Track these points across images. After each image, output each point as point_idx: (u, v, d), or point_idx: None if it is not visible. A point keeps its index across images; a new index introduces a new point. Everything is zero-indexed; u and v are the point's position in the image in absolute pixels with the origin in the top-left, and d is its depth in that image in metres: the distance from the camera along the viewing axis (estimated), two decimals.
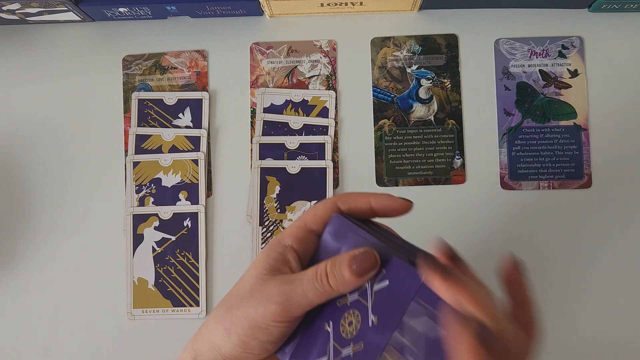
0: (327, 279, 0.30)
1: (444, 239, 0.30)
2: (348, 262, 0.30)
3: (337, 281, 0.30)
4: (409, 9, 0.53)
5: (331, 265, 0.31)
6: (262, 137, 0.52)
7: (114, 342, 0.51)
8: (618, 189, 0.51)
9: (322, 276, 0.30)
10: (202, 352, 0.33)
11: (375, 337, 0.29)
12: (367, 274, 0.30)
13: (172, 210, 0.51)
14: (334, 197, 0.34)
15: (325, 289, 0.30)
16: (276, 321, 0.31)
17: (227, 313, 0.32)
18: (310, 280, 0.31)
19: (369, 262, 0.30)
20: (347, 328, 0.31)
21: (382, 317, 0.29)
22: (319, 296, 0.30)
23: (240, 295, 0.32)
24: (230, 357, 0.32)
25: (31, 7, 0.49)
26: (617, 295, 0.50)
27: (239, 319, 0.31)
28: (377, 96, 0.52)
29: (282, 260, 0.33)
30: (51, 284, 0.51)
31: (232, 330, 0.31)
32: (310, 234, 0.33)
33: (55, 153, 0.53)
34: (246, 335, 0.31)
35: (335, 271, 0.30)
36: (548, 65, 0.52)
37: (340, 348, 0.31)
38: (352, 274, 0.30)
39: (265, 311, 0.31)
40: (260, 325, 0.31)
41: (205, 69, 0.53)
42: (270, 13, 0.53)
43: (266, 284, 0.32)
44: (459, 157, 0.52)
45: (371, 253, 0.30)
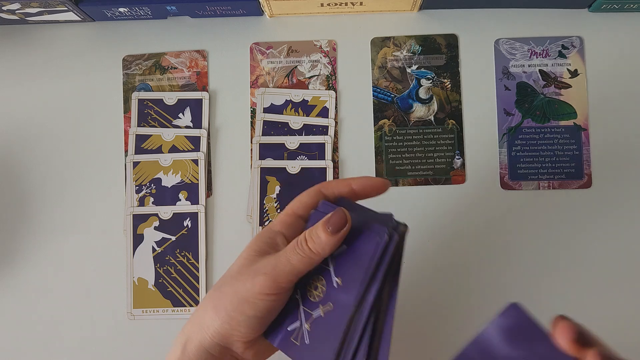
0: (305, 243, 0.33)
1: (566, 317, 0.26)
2: (322, 224, 0.32)
3: (315, 243, 0.32)
4: (409, 9, 0.53)
5: (309, 231, 0.33)
6: (262, 137, 0.52)
7: (114, 342, 0.51)
8: (618, 189, 0.51)
9: (302, 242, 0.33)
10: (191, 335, 0.34)
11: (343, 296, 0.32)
12: (340, 231, 0.32)
13: (172, 210, 0.51)
14: (317, 185, 0.36)
15: (306, 253, 0.32)
16: (264, 293, 0.32)
17: (215, 292, 0.34)
18: (292, 248, 0.33)
19: (340, 220, 0.32)
20: (314, 292, 0.34)
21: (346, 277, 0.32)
22: (301, 261, 0.32)
23: (229, 275, 0.34)
24: (217, 335, 0.33)
25: (31, 7, 0.49)
26: (617, 295, 0.50)
27: (228, 294, 0.33)
28: (377, 96, 0.52)
29: (271, 243, 0.35)
30: (51, 284, 0.51)
31: (220, 307, 0.33)
32: (297, 219, 0.36)
33: (55, 153, 0.53)
34: (234, 310, 0.32)
35: (312, 235, 0.33)
36: (548, 65, 0.52)
37: (311, 311, 0.33)
38: (327, 233, 0.32)
39: (253, 283, 0.32)
40: (248, 298, 0.32)
41: (205, 69, 0.53)
42: (270, 13, 0.53)
43: (254, 262, 0.34)
44: (459, 157, 0.52)
45: (341, 211, 0.33)
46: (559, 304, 0.50)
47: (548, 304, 0.50)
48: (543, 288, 0.50)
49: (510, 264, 0.50)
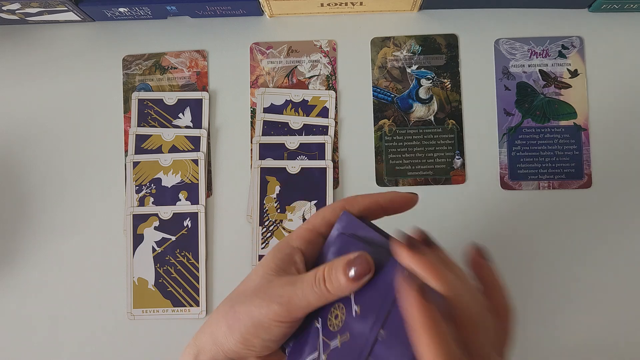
0: (324, 283, 0.31)
1: (420, 227, 0.32)
2: (343, 268, 0.30)
3: (334, 286, 0.31)
4: (409, 9, 0.53)
5: (328, 270, 0.31)
6: (262, 137, 0.52)
7: (114, 342, 0.51)
8: (618, 189, 0.51)
9: (320, 281, 0.31)
10: (204, 347, 0.33)
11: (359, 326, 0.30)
12: (362, 278, 0.30)
13: (172, 210, 0.51)
14: (342, 200, 0.34)
15: (323, 293, 0.31)
16: (278, 321, 0.31)
17: (230, 310, 0.33)
18: (310, 284, 0.31)
19: (363, 267, 0.30)
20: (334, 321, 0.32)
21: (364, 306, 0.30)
22: (318, 300, 0.31)
23: (244, 293, 0.33)
24: (232, 352, 0.32)
25: (31, 7, 0.49)
26: (618, 295, 0.50)
27: (242, 316, 0.32)
28: (377, 96, 0.52)
29: (288, 261, 0.33)
30: (51, 284, 0.51)
31: (234, 328, 0.32)
32: (318, 236, 0.34)
33: (55, 153, 0.53)
34: (248, 333, 0.32)
35: (332, 276, 0.31)
36: (548, 65, 0.52)
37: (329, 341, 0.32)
38: (347, 279, 0.30)
39: (268, 311, 0.31)
40: (262, 324, 0.31)
41: (205, 69, 0.53)
42: (270, 13, 0.53)
43: (271, 284, 0.32)
44: (459, 157, 0.52)
45: (364, 257, 0.30)
46: (559, 304, 0.50)
47: (548, 304, 0.50)
48: (543, 288, 0.50)
49: (510, 263, 0.50)
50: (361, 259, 0.30)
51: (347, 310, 0.31)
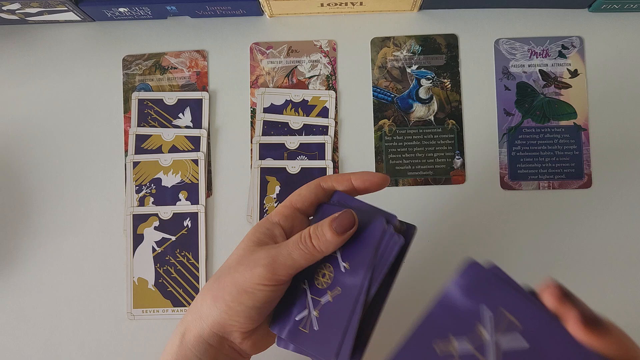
0: (310, 239, 0.32)
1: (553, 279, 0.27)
2: (329, 223, 0.32)
3: (320, 241, 0.32)
4: (409, 9, 0.53)
5: (314, 228, 0.33)
6: (262, 137, 0.52)
7: (114, 342, 0.51)
8: (618, 189, 0.51)
9: (306, 238, 0.33)
10: (190, 325, 0.34)
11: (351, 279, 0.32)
12: (347, 232, 0.32)
13: (172, 210, 0.51)
14: (317, 179, 0.36)
15: (309, 249, 0.32)
16: (262, 284, 0.32)
17: (215, 282, 0.34)
18: (295, 242, 0.33)
19: (348, 221, 0.32)
20: (322, 280, 0.34)
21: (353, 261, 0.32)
22: (303, 256, 0.32)
23: (228, 266, 0.34)
24: (216, 325, 0.33)
25: (31, 7, 0.49)
26: (618, 295, 0.50)
27: (227, 285, 0.33)
28: (377, 96, 0.52)
29: (269, 234, 0.35)
30: (51, 283, 0.51)
31: (219, 297, 0.33)
32: (295, 211, 0.36)
33: (55, 153, 0.53)
34: (233, 301, 0.32)
35: (317, 232, 0.32)
36: (548, 65, 0.52)
37: (319, 298, 0.33)
38: (333, 232, 0.32)
39: (251, 274, 0.32)
40: (246, 289, 0.32)
41: (205, 69, 0.53)
42: (270, 13, 0.53)
43: (253, 252, 0.34)
44: (459, 157, 0.52)
45: (349, 213, 0.32)
46: None
47: None
48: None
49: (510, 263, 0.50)
50: (345, 214, 0.32)
51: (335, 268, 0.33)
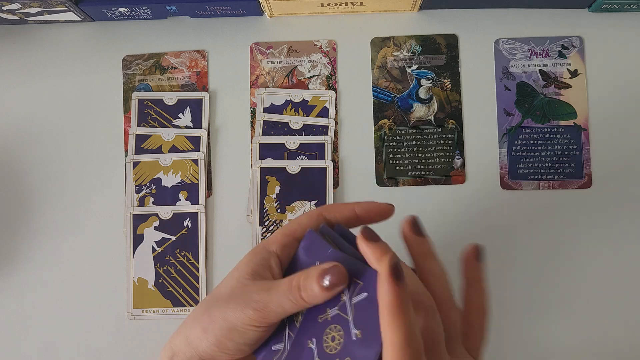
0: (298, 292, 0.31)
1: (417, 216, 0.34)
2: (316, 277, 0.31)
3: (308, 295, 0.31)
4: (409, 9, 0.53)
5: (303, 278, 0.31)
6: (262, 137, 0.52)
7: (114, 342, 0.51)
8: (618, 189, 0.51)
9: (295, 289, 0.31)
10: (179, 349, 0.33)
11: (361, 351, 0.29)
12: (336, 288, 0.30)
13: (172, 210, 0.51)
14: (319, 207, 0.35)
15: (298, 301, 0.31)
16: (253, 326, 0.32)
17: (205, 312, 0.33)
18: (285, 292, 0.31)
19: (337, 277, 0.30)
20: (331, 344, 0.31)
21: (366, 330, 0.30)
22: (293, 307, 0.32)
23: (220, 297, 0.33)
24: (206, 355, 0.33)
25: (31, 7, 0.49)
26: (618, 295, 0.50)
27: (217, 319, 0.32)
28: (377, 96, 0.52)
29: (265, 265, 0.34)
30: (51, 284, 0.51)
31: (209, 330, 0.32)
32: (294, 242, 0.34)
33: (55, 153, 0.53)
34: (223, 336, 0.32)
35: (306, 286, 0.31)
36: (548, 65, 0.52)
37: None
38: (321, 288, 0.30)
39: (243, 316, 0.32)
40: (237, 328, 0.32)
41: (205, 69, 0.53)
42: (270, 13, 0.53)
43: (246, 288, 0.33)
44: (459, 157, 0.52)
45: (339, 268, 0.30)
46: (558, 304, 0.50)
47: (548, 304, 0.50)
48: (543, 288, 0.50)
49: (510, 263, 0.50)
50: (335, 270, 0.30)
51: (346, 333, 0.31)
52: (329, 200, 0.51)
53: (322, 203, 0.51)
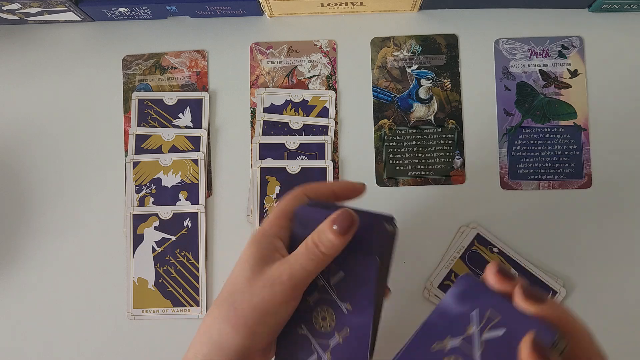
0: (316, 247, 0.32)
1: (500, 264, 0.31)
2: (329, 226, 0.32)
3: (326, 246, 0.32)
4: (409, 9, 0.53)
5: (317, 235, 0.33)
6: (262, 137, 0.52)
7: (114, 342, 0.51)
8: (618, 189, 0.51)
9: (312, 247, 0.32)
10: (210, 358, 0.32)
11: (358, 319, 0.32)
12: (350, 231, 0.32)
13: (172, 210, 0.51)
14: (300, 187, 0.37)
15: (318, 257, 0.32)
16: (284, 301, 0.32)
17: (231, 309, 0.32)
18: (304, 254, 0.32)
19: (348, 220, 0.32)
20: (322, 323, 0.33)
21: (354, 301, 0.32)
22: (315, 265, 0.32)
23: (238, 290, 0.33)
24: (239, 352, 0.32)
25: (31, 7, 0.49)
26: (617, 295, 0.50)
27: (247, 312, 0.32)
28: (377, 96, 0.52)
29: (272, 249, 0.34)
30: (51, 284, 0.51)
31: (240, 324, 0.32)
32: (288, 221, 0.36)
33: (55, 153, 0.53)
34: (256, 324, 0.32)
35: (321, 239, 0.32)
36: (548, 65, 0.52)
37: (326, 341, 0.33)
38: (336, 235, 0.32)
39: (272, 295, 0.32)
40: (269, 310, 0.32)
41: (205, 69, 0.53)
42: (270, 13, 0.53)
43: (264, 271, 0.33)
44: (459, 157, 0.52)
45: (347, 212, 0.32)
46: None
47: None
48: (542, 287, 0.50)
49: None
50: (343, 214, 0.32)
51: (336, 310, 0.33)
52: None
53: None
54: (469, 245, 0.50)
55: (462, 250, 0.50)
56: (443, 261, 0.50)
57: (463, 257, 0.50)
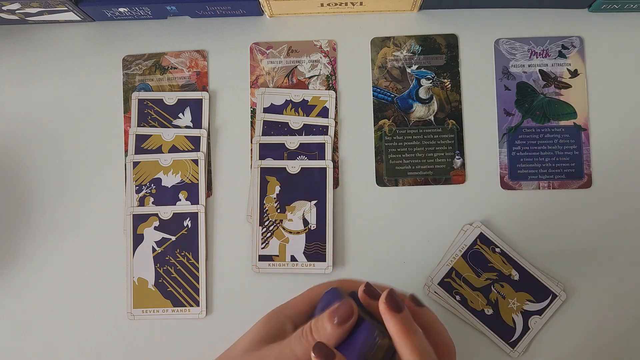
0: (311, 333, 0.32)
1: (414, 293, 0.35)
2: (329, 315, 0.32)
3: (320, 334, 0.32)
4: (409, 9, 0.53)
5: (315, 322, 0.33)
6: (262, 137, 0.52)
7: (114, 342, 0.51)
8: (618, 189, 0.51)
9: (307, 333, 0.33)
10: None
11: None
12: (347, 322, 0.32)
13: (172, 210, 0.51)
14: (339, 280, 0.37)
15: (310, 343, 0.32)
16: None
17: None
18: (297, 337, 0.33)
19: (347, 311, 0.32)
20: None
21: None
22: (304, 352, 0.32)
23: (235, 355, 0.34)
24: None
25: (31, 7, 0.49)
26: (617, 295, 0.50)
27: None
28: (377, 96, 0.52)
29: (280, 329, 0.35)
30: (51, 284, 0.51)
31: None
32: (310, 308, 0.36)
33: (55, 153, 0.53)
34: None
35: (318, 325, 0.33)
36: (548, 65, 0.52)
37: None
38: (333, 325, 0.32)
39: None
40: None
41: (205, 69, 0.53)
42: (270, 13, 0.53)
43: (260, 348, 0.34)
44: (459, 157, 0.52)
45: (348, 303, 0.32)
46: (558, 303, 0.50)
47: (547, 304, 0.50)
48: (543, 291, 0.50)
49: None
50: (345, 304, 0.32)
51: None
52: (329, 201, 0.51)
53: (322, 203, 0.51)
54: (471, 244, 0.50)
55: (465, 249, 0.50)
56: (444, 259, 0.50)
57: (465, 255, 0.50)
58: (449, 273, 0.50)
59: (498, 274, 0.50)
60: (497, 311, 0.49)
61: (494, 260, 0.50)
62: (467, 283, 0.50)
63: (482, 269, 0.50)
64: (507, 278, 0.50)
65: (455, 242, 0.50)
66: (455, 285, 0.50)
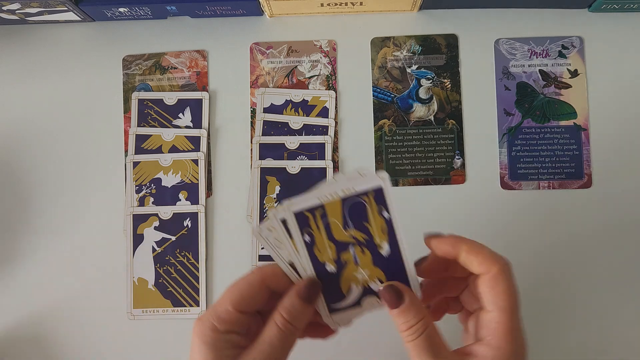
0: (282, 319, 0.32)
1: None
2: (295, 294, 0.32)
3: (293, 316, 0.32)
4: (409, 9, 0.53)
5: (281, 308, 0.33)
6: (262, 137, 0.52)
7: (114, 342, 0.51)
8: (618, 189, 0.51)
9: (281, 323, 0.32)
10: None
11: None
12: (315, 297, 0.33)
13: (172, 210, 0.51)
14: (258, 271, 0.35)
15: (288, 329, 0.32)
16: None
17: None
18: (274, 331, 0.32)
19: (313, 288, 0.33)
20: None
21: None
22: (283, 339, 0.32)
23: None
24: None
25: (31, 7, 0.49)
26: (617, 295, 0.50)
27: None
28: (377, 96, 0.52)
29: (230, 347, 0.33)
30: (51, 283, 0.51)
31: None
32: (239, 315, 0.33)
33: (55, 153, 0.53)
34: None
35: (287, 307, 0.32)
36: (548, 65, 0.52)
37: None
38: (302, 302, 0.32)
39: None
40: None
41: (205, 69, 0.53)
42: (270, 13, 0.53)
43: None
44: (459, 157, 0.52)
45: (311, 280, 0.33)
46: (558, 304, 0.50)
47: (547, 304, 0.50)
48: (542, 288, 0.50)
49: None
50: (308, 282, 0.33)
51: None
52: None
53: None
54: (360, 193, 0.37)
55: (349, 193, 0.40)
56: (320, 192, 0.46)
57: (345, 200, 0.37)
58: (314, 208, 0.38)
59: (367, 238, 0.40)
60: (339, 272, 0.38)
61: (373, 222, 0.40)
62: (328, 229, 0.39)
63: (355, 225, 0.39)
64: (373, 247, 0.40)
65: (343, 179, 0.39)
66: (312, 225, 0.39)
